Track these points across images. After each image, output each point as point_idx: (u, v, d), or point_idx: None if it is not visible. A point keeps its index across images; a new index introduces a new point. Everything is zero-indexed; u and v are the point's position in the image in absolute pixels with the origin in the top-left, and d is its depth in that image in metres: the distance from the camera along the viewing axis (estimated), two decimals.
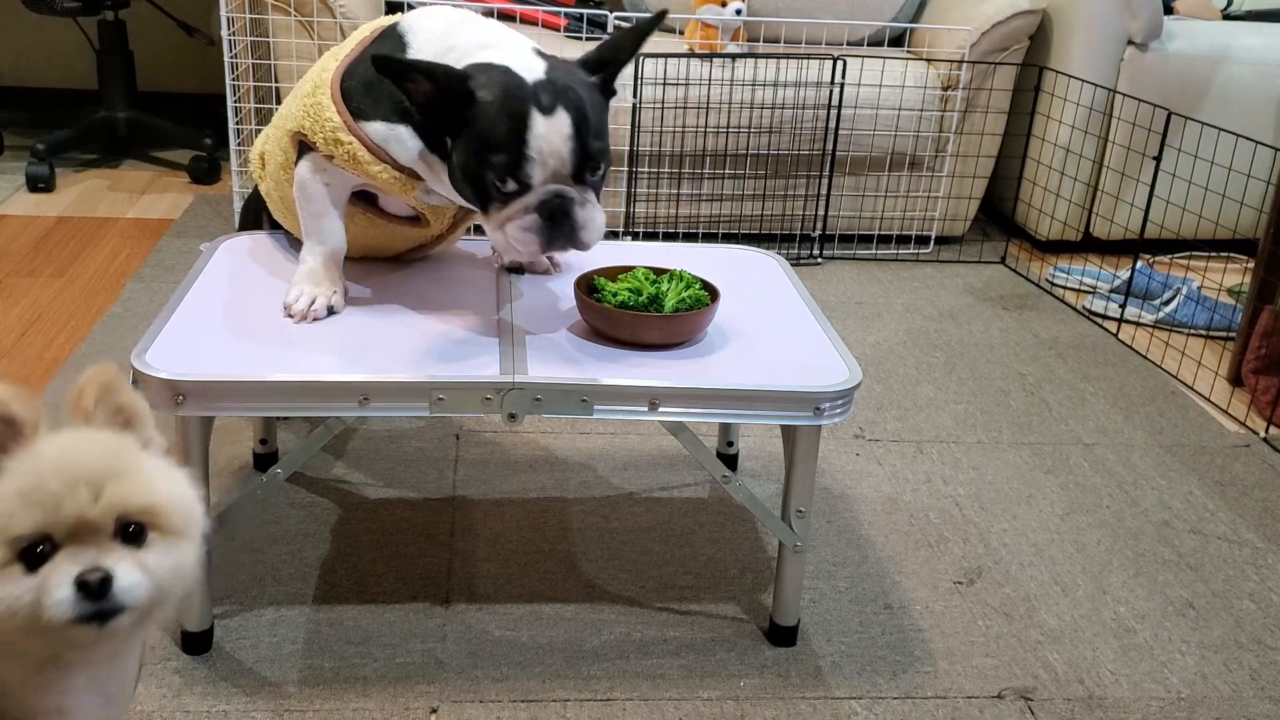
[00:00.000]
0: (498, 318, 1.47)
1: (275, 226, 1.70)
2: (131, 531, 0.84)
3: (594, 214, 1.31)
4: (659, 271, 1.49)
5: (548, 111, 1.26)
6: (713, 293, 1.46)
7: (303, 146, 1.44)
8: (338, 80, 1.39)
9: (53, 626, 0.80)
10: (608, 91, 1.36)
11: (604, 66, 1.35)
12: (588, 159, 1.28)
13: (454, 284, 1.57)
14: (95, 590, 0.80)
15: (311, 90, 1.41)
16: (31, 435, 0.84)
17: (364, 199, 1.51)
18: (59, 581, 0.80)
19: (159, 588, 0.84)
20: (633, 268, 1.50)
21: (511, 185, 1.27)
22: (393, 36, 1.42)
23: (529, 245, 1.30)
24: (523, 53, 1.34)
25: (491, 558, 1.66)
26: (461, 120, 1.28)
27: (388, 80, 1.31)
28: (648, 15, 1.42)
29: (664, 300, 1.42)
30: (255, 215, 1.75)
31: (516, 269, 1.63)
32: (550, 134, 1.26)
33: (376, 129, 1.37)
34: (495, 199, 1.29)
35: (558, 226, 1.29)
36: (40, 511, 0.81)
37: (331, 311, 1.45)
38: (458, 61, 1.32)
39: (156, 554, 0.85)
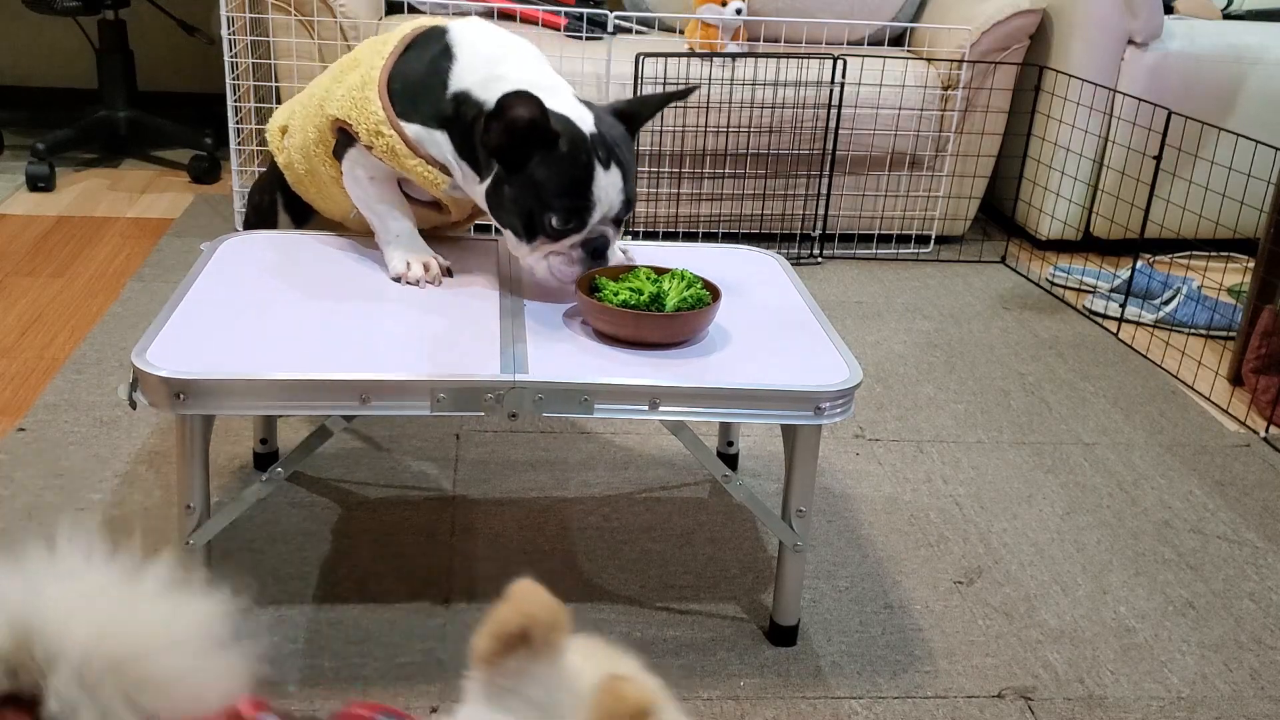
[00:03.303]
0: (499, 316, 1.47)
1: (292, 213, 1.77)
2: None
3: (615, 250, 1.53)
4: (660, 271, 1.49)
5: (606, 165, 1.43)
6: (714, 292, 1.46)
7: (343, 136, 1.54)
8: (384, 79, 1.50)
9: None
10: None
11: (630, 120, 1.53)
12: (628, 206, 1.48)
13: (455, 283, 1.57)
14: None
15: (360, 85, 1.51)
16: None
17: None
18: None
19: None
20: (634, 267, 1.50)
21: (568, 225, 1.43)
22: (439, 43, 1.52)
23: (568, 277, 1.47)
24: (571, 100, 1.47)
25: (491, 558, 1.66)
26: (530, 161, 1.41)
27: (427, 88, 1.47)
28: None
29: (665, 300, 1.42)
30: (270, 202, 1.79)
31: None
32: (608, 186, 1.43)
33: (415, 130, 1.49)
34: (544, 234, 1.44)
35: (594, 263, 1.47)
36: None
37: (449, 274, 1.57)
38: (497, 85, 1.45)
39: None
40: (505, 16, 2.92)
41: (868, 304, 2.71)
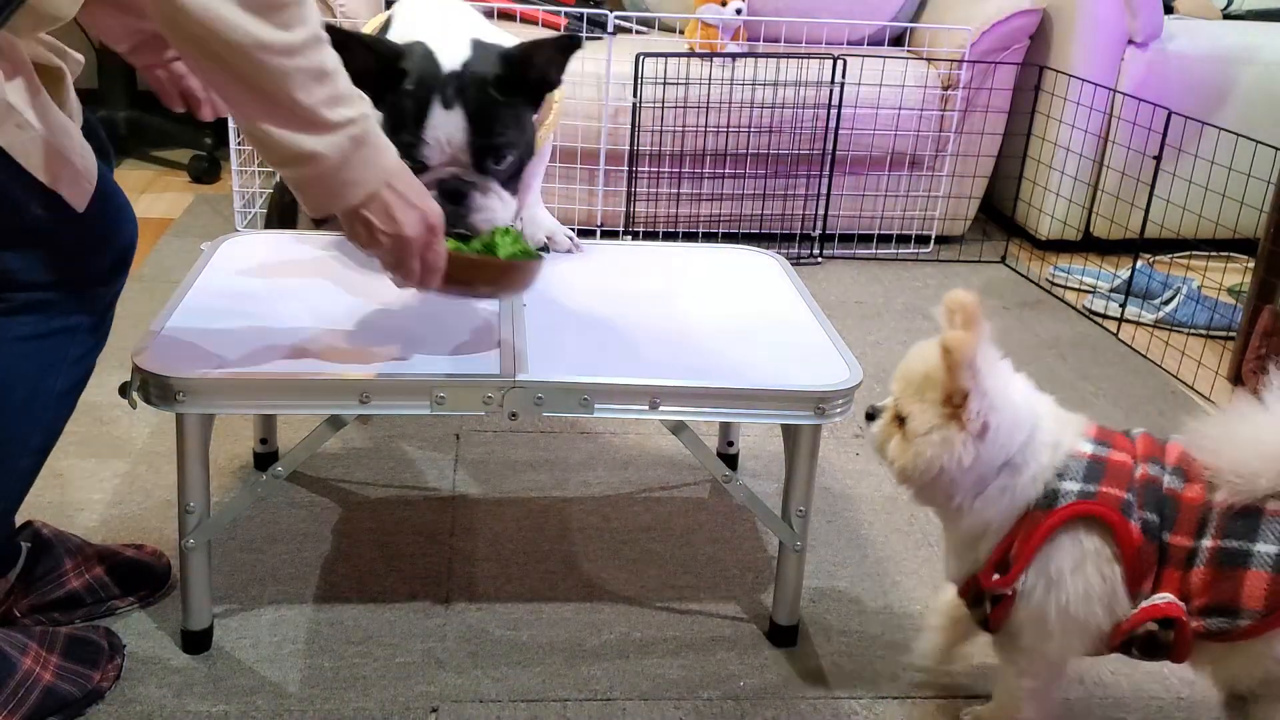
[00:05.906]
0: (499, 316, 1.47)
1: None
2: None
3: (493, 201, 1.43)
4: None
5: (448, 105, 1.38)
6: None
7: None
8: None
9: None
10: (533, 87, 1.45)
11: (519, 64, 1.43)
12: (486, 150, 1.40)
13: None
14: None
15: None
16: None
17: None
18: None
19: None
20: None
21: (410, 163, 1.36)
22: (387, 18, 1.60)
23: None
24: (458, 40, 1.44)
25: (491, 558, 1.66)
26: (386, 95, 1.39)
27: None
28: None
29: (497, 250, 1.39)
30: (291, 201, 1.81)
31: (543, 248, 1.67)
32: (445, 124, 1.38)
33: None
34: None
35: (451, 205, 1.38)
36: None
37: None
38: (409, 39, 1.45)
39: None
40: (505, 16, 2.92)
41: (868, 304, 2.71)
